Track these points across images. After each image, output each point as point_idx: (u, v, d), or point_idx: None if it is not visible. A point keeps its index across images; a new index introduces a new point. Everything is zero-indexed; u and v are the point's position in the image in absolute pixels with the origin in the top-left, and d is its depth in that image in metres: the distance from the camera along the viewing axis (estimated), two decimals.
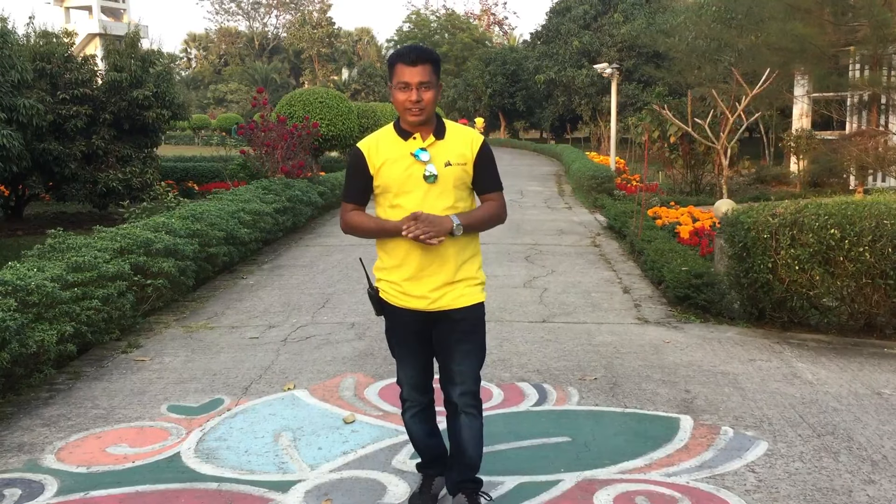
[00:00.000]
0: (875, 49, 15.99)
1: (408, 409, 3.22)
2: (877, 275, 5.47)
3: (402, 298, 3.04)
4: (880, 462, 3.69)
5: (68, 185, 13.62)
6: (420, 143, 2.97)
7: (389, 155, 2.98)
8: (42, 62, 13.29)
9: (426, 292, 2.99)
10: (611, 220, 11.79)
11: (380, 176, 2.99)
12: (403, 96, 2.90)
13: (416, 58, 2.88)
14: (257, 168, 13.84)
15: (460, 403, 3.07)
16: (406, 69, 2.88)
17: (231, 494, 3.42)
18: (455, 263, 3.00)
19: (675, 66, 24.39)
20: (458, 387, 3.06)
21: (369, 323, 6.33)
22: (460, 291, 3.01)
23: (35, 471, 3.67)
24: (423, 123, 2.97)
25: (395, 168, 2.96)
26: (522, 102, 43.97)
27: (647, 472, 3.60)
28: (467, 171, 3.01)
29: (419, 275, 2.99)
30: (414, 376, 3.17)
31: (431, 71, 2.90)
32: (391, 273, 3.05)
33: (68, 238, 6.31)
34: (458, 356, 3.06)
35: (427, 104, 2.91)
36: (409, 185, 2.95)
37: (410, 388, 3.18)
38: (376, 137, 3.06)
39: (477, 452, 3.13)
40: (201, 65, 73.78)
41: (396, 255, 3.02)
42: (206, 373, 5.11)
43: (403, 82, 2.89)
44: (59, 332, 4.80)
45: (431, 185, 2.94)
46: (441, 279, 2.99)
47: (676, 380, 4.91)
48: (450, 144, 2.99)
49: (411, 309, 3.03)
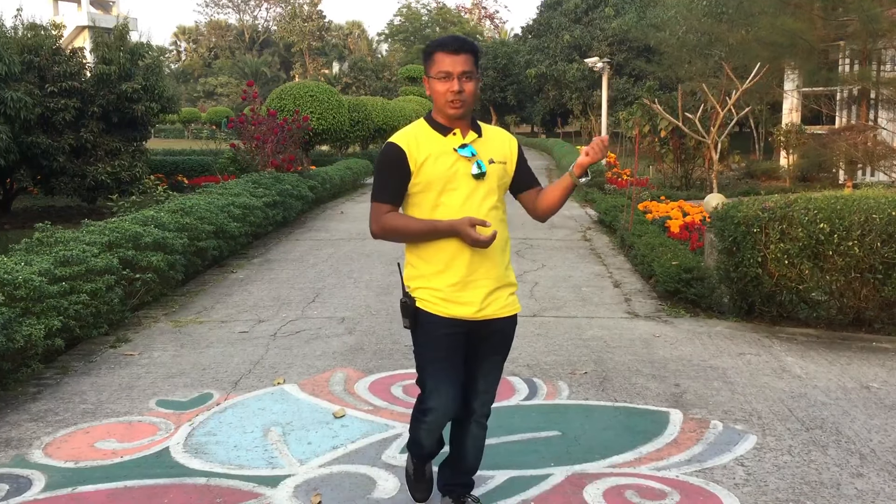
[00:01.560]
0: (865, 44, 16.05)
1: (426, 430, 2.95)
2: (865, 269, 5.50)
3: (445, 306, 2.81)
4: (868, 455, 3.71)
5: (57, 179, 13.54)
6: (460, 139, 2.81)
7: (432, 150, 2.78)
8: (30, 55, 13.18)
9: (475, 298, 2.80)
10: (601, 214, 11.80)
11: (422, 173, 2.77)
12: (444, 87, 2.72)
13: (459, 46, 2.72)
14: (247, 162, 13.80)
15: (478, 414, 3.00)
16: (447, 58, 2.71)
17: (220, 489, 3.40)
18: (502, 266, 2.88)
19: (666, 60, 24.42)
20: (481, 397, 2.98)
21: (360, 317, 6.32)
22: (505, 300, 2.88)
23: (22, 466, 3.64)
24: (462, 118, 2.81)
25: (440, 164, 2.77)
26: (513, 96, 44.00)
27: (637, 466, 3.61)
28: (507, 171, 2.90)
29: (468, 279, 2.80)
30: (452, 394, 2.87)
31: (473, 62, 2.75)
32: (432, 280, 2.82)
33: (56, 232, 6.27)
34: (487, 367, 2.96)
35: (468, 96, 2.75)
36: (454, 182, 2.77)
37: (439, 416, 2.90)
38: (413, 132, 2.83)
39: (477, 460, 3.11)
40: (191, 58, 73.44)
41: (440, 260, 2.80)
42: (196, 367, 5.09)
43: (445, 72, 2.71)
44: (47, 327, 4.76)
45: (478, 183, 2.79)
46: (491, 284, 2.83)
47: (666, 374, 4.92)
48: (491, 142, 2.88)
49: (455, 318, 2.81)
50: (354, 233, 11.02)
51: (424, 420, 2.93)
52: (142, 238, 6.66)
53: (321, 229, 11.62)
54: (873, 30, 15.24)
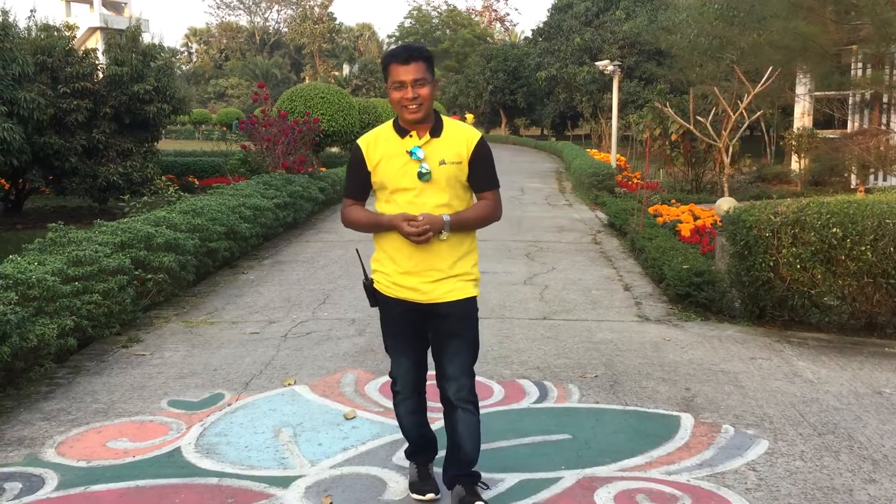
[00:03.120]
0: (877, 48, 15.97)
1: (400, 401, 3.26)
2: (878, 274, 5.47)
3: (394, 289, 3.09)
4: (881, 461, 3.69)
5: (69, 179, 13.60)
6: (416, 141, 3.01)
7: (386, 151, 3.03)
8: (43, 56, 13.25)
9: (418, 285, 3.04)
10: (611, 217, 11.78)
11: (377, 172, 3.05)
12: (399, 94, 2.94)
13: (409, 56, 2.92)
14: (258, 163, 13.84)
15: (455, 399, 3.09)
16: (400, 68, 2.92)
17: (231, 489, 3.41)
18: (449, 259, 3.04)
19: (677, 63, 24.34)
20: (453, 383, 3.09)
21: (370, 319, 6.33)
22: (451, 286, 3.05)
23: (35, 465, 3.67)
24: (422, 121, 3.00)
25: (391, 165, 3.01)
26: (523, 99, 43.92)
27: (648, 469, 3.60)
28: (462, 170, 3.04)
29: (412, 269, 3.03)
30: (406, 370, 3.20)
31: (425, 68, 2.94)
32: (385, 265, 3.11)
33: (69, 232, 6.30)
34: (450, 351, 3.09)
35: (424, 100, 2.94)
36: (403, 182, 3.00)
37: (402, 382, 3.22)
38: (375, 134, 3.11)
39: (474, 448, 3.14)
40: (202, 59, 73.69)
41: (389, 249, 3.08)
42: (207, 368, 5.11)
43: (398, 81, 2.93)
44: (60, 326, 4.79)
45: (426, 184, 2.99)
46: (434, 274, 3.03)
47: (677, 378, 4.91)
48: (446, 143, 3.02)
49: (403, 300, 3.08)
50: (364, 235, 10.99)
51: (396, 390, 3.25)
52: (154, 239, 6.68)
53: (331, 231, 11.64)
54: (886, 33, 15.16)
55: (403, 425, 3.32)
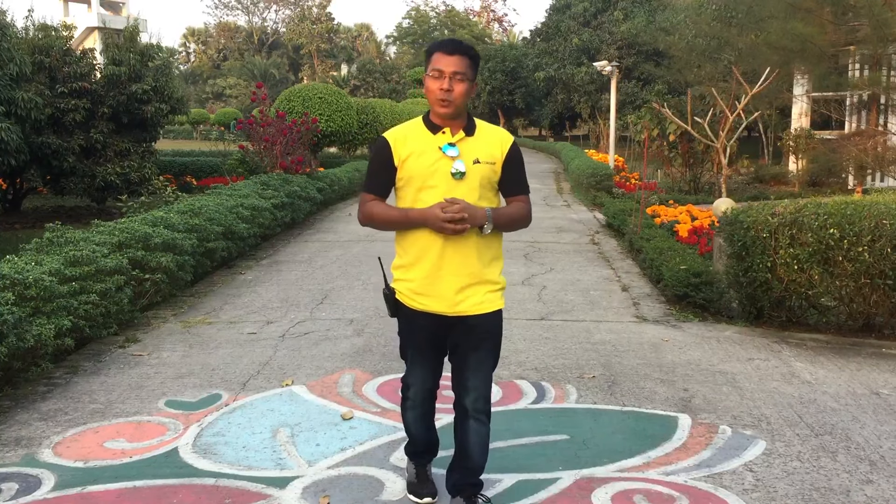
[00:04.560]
0: (875, 49, 15.99)
1: (410, 407, 3.18)
2: (876, 275, 5.47)
3: (418, 300, 2.95)
4: (878, 462, 3.69)
5: (66, 179, 13.59)
6: (449, 137, 2.89)
7: (416, 147, 2.90)
8: (40, 55, 13.24)
9: (446, 293, 2.90)
10: (610, 218, 11.78)
11: (404, 168, 2.90)
12: (435, 84, 2.83)
13: (455, 48, 2.83)
14: (256, 163, 13.83)
15: (471, 410, 3.03)
16: (442, 57, 2.82)
17: (229, 490, 3.41)
18: (477, 263, 2.92)
19: (675, 64, 24.37)
20: (472, 393, 3.01)
21: (368, 319, 6.33)
22: (481, 297, 2.93)
23: (32, 465, 3.66)
24: (453, 118, 2.89)
25: (422, 161, 2.88)
26: (522, 100, 43.95)
27: (646, 470, 3.60)
28: (495, 171, 2.93)
29: (438, 273, 2.89)
30: (424, 381, 3.11)
31: (468, 65, 2.84)
32: (409, 271, 2.96)
33: (66, 232, 6.29)
34: (472, 363, 3.00)
35: (457, 97, 2.83)
36: (434, 179, 2.87)
37: (415, 390, 3.13)
38: (404, 129, 2.98)
39: (482, 458, 3.10)
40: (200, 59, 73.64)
41: (413, 251, 2.93)
42: (204, 368, 5.11)
43: (437, 69, 2.82)
44: (57, 327, 4.78)
45: (458, 182, 2.86)
46: (462, 280, 2.90)
47: (675, 378, 4.91)
48: (480, 142, 2.92)
49: (428, 312, 2.94)
50: (363, 234, 11.03)
51: (407, 396, 3.16)
52: (151, 239, 6.68)
53: (329, 231, 11.63)
54: (884, 34, 15.19)
55: (409, 429, 3.25)
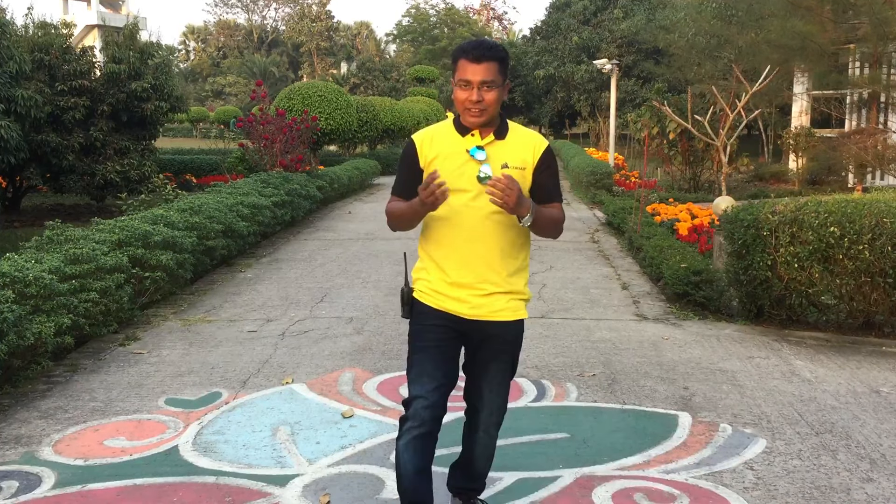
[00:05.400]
0: (875, 47, 15.99)
1: (407, 430, 2.76)
2: (876, 273, 5.47)
3: (437, 298, 2.81)
4: (878, 460, 3.69)
5: (66, 177, 13.59)
6: (478, 140, 2.77)
7: (443, 149, 2.78)
8: (40, 53, 13.23)
9: (469, 297, 2.77)
10: (609, 216, 11.78)
11: (430, 170, 2.74)
12: (464, 95, 2.70)
13: (481, 55, 2.66)
14: (256, 161, 13.82)
15: (484, 424, 2.97)
16: (469, 66, 2.67)
17: (229, 488, 3.41)
18: (501, 271, 2.80)
19: (675, 62, 24.37)
20: (486, 407, 2.93)
21: (368, 317, 6.32)
22: (503, 304, 2.79)
23: (32, 463, 3.66)
24: (484, 125, 2.78)
25: (448, 164, 2.75)
26: (521, 98, 43.91)
27: (646, 468, 3.60)
28: (525, 177, 2.79)
29: (461, 280, 2.77)
30: (428, 392, 2.77)
31: (497, 70, 2.69)
32: (430, 272, 2.84)
33: (66, 230, 6.29)
34: (489, 375, 2.90)
35: (489, 105, 2.70)
36: (460, 182, 2.73)
37: (416, 408, 2.77)
38: (432, 130, 2.87)
39: (486, 467, 3.08)
40: (200, 57, 73.59)
41: (438, 257, 2.82)
42: (204, 366, 5.10)
43: (465, 80, 2.68)
44: (57, 325, 4.78)
45: (484, 187, 2.69)
46: (487, 287, 2.78)
47: (675, 377, 4.91)
48: (511, 146, 2.79)
49: (445, 311, 2.80)
50: (363, 233, 11.03)
51: (406, 416, 2.79)
52: (151, 237, 6.67)
53: (329, 229, 11.63)
54: (884, 33, 15.18)
55: (400, 466, 2.78)
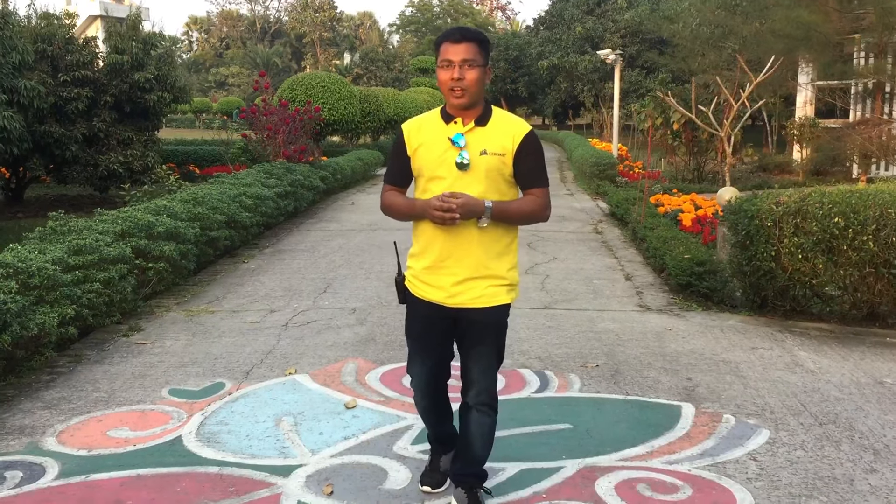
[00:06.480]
0: (880, 37, 15.90)
1: (416, 399, 3.18)
2: (880, 264, 5.45)
3: (421, 288, 2.95)
4: (882, 451, 3.69)
5: (69, 168, 13.59)
6: (460, 127, 2.85)
7: (427, 138, 2.89)
8: (43, 44, 13.22)
9: (445, 284, 2.88)
10: (613, 207, 11.76)
11: (416, 158, 2.91)
12: (446, 74, 2.80)
13: (461, 36, 2.79)
14: (259, 152, 13.81)
15: (473, 403, 3.01)
16: (450, 47, 2.79)
17: (232, 478, 3.41)
18: (480, 258, 2.87)
19: (679, 52, 24.25)
20: (474, 385, 3.00)
21: (371, 308, 6.32)
22: (481, 291, 2.88)
23: (36, 453, 3.67)
24: (468, 108, 2.85)
25: (431, 152, 2.87)
26: (525, 88, 43.84)
27: (649, 459, 3.59)
28: (505, 163, 2.85)
29: (439, 264, 2.88)
30: (423, 374, 3.06)
31: (477, 50, 2.79)
32: (416, 260, 2.97)
33: (69, 221, 6.29)
34: (474, 357, 2.98)
35: (470, 84, 2.78)
36: (441, 170, 2.84)
37: (416, 383, 3.10)
38: (420, 119, 2.98)
39: (484, 449, 3.08)
40: (202, 48, 73.48)
41: (420, 242, 2.95)
42: (207, 357, 5.11)
43: (446, 60, 2.79)
44: (61, 315, 4.78)
45: (463, 173, 2.82)
46: (462, 273, 2.87)
47: (678, 367, 4.90)
48: (491, 133, 2.86)
49: (429, 301, 2.94)
50: (365, 223, 11.02)
51: (412, 386, 3.16)
52: (154, 227, 6.67)
53: (332, 220, 11.62)
54: (889, 23, 15.09)
55: (422, 415, 3.25)
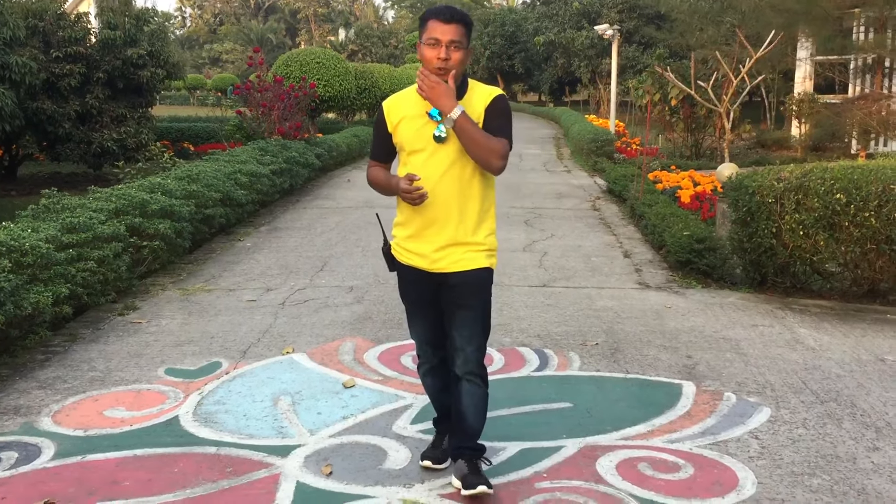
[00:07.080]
0: (881, 11, 15.77)
1: (421, 364, 3.26)
2: (882, 240, 5.41)
3: (405, 255, 3.06)
4: (884, 429, 3.67)
5: (62, 145, 13.44)
6: None
7: (407, 112, 2.96)
8: (34, 19, 13.02)
9: (427, 252, 2.99)
10: (611, 183, 11.69)
11: (397, 133, 2.99)
12: (432, 53, 2.85)
13: (451, 17, 2.85)
14: (253, 129, 13.68)
15: (461, 372, 3.03)
16: (439, 25, 2.84)
17: (230, 459, 3.38)
18: (459, 225, 2.96)
19: (677, 27, 24.06)
20: (460, 353, 3.02)
21: (368, 286, 6.28)
22: (459, 256, 2.97)
23: (32, 434, 3.63)
24: None
25: (410, 126, 2.95)
26: (521, 65, 43.50)
27: (650, 438, 3.57)
28: None
29: (420, 233, 2.99)
30: (423, 333, 3.19)
31: (464, 32, 2.87)
32: (400, 230, 3.08)
33: (63, 198, 6.22)
34: (457, 321, 3.01)
35: (454, 65, 2.85)
36: (419, 143, 2.93)
37: (421, 344, 3.22)
38: (400, 95, 3.06)
39: (477, 421, 3.07)
40: (196, 24, 72.82)
41: (404, 213, 3.04)
42: (204, 336, 5.06)
43: (434, 38, 2.85)
44: (55, 294, 4.73)
45: (440, 146, 2.90)
46: (441, 241, 2.96)
47: (678, 345, 4.87)
48: (467, 105, 2.90)
49: (414, 267, 3.04)
50: (361, 201, 10.94)
51: (418, 364, 3.29)
52: (149, 205, 6.60)
53: (328, 197, 11.55)
54: None
55: (426, 389, 3.33)
